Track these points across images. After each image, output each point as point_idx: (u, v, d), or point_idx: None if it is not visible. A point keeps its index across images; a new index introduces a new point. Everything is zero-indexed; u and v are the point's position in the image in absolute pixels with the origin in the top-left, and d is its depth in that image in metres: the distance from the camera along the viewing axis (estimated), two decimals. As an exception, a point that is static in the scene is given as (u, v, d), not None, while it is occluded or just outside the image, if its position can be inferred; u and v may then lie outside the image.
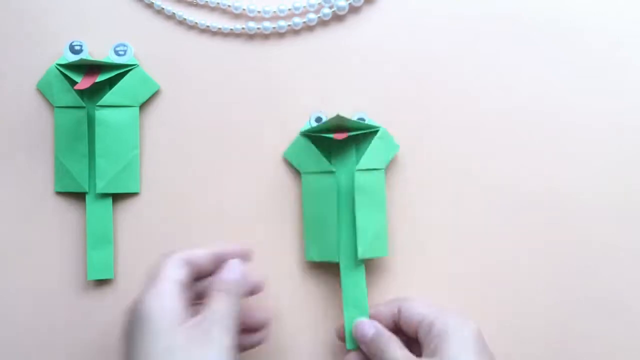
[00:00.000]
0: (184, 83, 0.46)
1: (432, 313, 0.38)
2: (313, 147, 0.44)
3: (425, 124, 0.45)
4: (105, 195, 0.45)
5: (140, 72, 0.46)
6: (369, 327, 0.40)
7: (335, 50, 0.46)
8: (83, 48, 0.46)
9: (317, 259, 0.44)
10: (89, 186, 0.45)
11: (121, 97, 0.45)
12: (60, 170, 0.45)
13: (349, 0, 0.45)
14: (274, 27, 0.46)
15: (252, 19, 0.47)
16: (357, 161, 0.43)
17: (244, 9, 0.47)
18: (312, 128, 0.44)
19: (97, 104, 0.44)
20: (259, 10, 0.46)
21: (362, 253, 0.42)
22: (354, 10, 0.46)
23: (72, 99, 0.45)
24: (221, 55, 0.47)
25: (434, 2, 0.46)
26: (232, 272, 0.38)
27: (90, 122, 0.45)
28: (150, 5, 0.47)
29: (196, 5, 0.47)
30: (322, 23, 0.46)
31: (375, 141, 0.43)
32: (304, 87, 0.46)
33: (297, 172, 0.45)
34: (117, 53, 0.46)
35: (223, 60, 0.46)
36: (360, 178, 0.42)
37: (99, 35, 0.46)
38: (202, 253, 0.38)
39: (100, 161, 0.44)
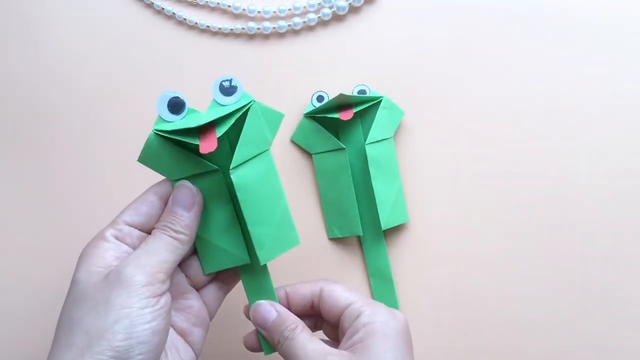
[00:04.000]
0: (185, 83, 0.47)
1: (360, 301, 0.35)
2: (320, 126, 0.44)
3: (425, 123, 0.46)
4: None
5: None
6: (269, 311, 0.36)
7: (335, 50, 0.46)
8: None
9: (340, 235, 0.45)
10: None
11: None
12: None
13: (349, 0, 0.46)
14: (274, 27, 0.46)
15: (252, 19, 0.47)
16: (365, 134, 0.44)
17: (244, 9, 0.47)
18: (316, 109, 0.44)
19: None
20: (259, 10, 0.47)
21: (385, 224, 0.44)
22: (354, 10, 0.46)
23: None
24: (221, 55, 0.47)
25: (433, 2, 0.46)
26: (176, 200, 0.34)
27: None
28: (150, 5, 0.47)
29: (196, 5, 0.47)
30: (322, 23, 0.47)
31: (380, 111, 0.44)
32: (304, 86, 0.46)
33: (307, 154, 0.46)
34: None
35: (223, 60, 0.47)
36: (371, 151, 0.43)
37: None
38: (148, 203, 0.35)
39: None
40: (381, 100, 0.44)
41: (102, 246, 0.32)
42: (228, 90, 0.34)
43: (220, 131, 0.32)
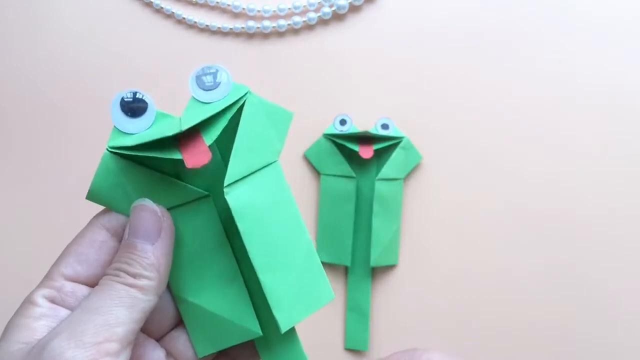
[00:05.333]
0: (184, 83, 0.46)
1: None
2: (336, 149, 0.44)
3: (424, 124, 0.45)
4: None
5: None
6: None
7: (335, 49, 0.46)
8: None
9: (327, 260, 0.44)
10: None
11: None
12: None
13: (349, -1, 0.45)
14: (273, 26, 0.46)
15: (252, 17, 0.46)
16: (378, 169, 0.43)
17: (243, 8, 0.46)
18: (338, 134, 0.43)
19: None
20: (258, 9, 0.46)
21: (374, 261, 0.43)
22: (354, 9, 0.46)
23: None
24: (221, 55, 0.46)
25: (434, 0, 0.45)
26: (135, 229, 0.23)
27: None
28: (149, 4, 0.47)
29: (195, 4, 0.47)
30: (322, 22, 0.46)
31: (398, 150, 0.43)
32: (304, 86, 0.46)
33: (315, 172, 0.45)
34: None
35: (223, 60, 0.46)
36: (380, 187, 0.43)
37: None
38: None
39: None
40: (401, 140, 0.43)
41: (30, 314, 0.22)
42: (210, 79, 0.24)
43: (210, 138, 0.22)
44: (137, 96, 0.23)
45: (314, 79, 0.45)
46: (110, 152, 0.23)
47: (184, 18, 0.46)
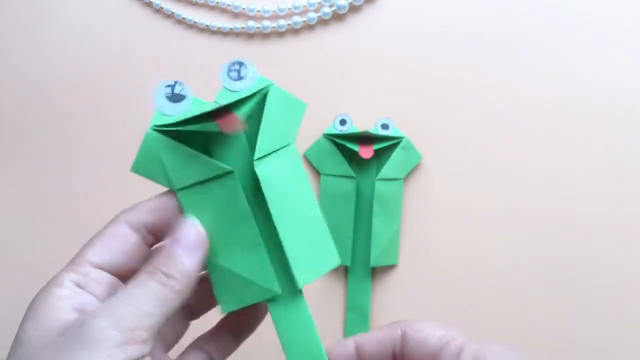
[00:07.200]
0: (185, 82, 0.46)
1: (459, 337, 0.26)
2: (336, 149, 0.44)
3: (424, 124, 0.45)
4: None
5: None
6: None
7: (335, 49, 0.46)
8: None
9: None
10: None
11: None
12: None
13: (349, -1, 0.45)
14: (273, 26, 0.46)
15: (252, 17, 0.46)
16: (378, 169, 0.43)
17: (243, 8, 0.46)
18: (338, 134, 0.43)
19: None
20: (258, 9, 0.46)
21: (374, 261, 0.43)
22: (354, 9, 0.46)
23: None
24: (220, 55, 0.46)
25: (434, 0, 0.45)
26: (179, 241, 0.26)
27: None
28: (149, 4, 0.47)
29: (195, 4, 0.47)
30: (322, 22, 0.46)
31: (398, 151, 0.43)
32: (304, 86, 0.46)
33: (315, 172, 0.45)
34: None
35: (222, 60, 0.46)
36: (380, 187, 0.43)
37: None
38: (157, 203, 0.27)
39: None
40: (401, 140, 0.43)
41: (55, 295, 0.24)
42: (239, 75, 0.29)
43: (241, 114, 0.27)
44: (178, 85, 0.28)
45: (314, 79, 0.45)
46: (155, 130, 0.27)
47: (184, 18, 0.46)
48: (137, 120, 0.46)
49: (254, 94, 0.28)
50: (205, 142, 0.28)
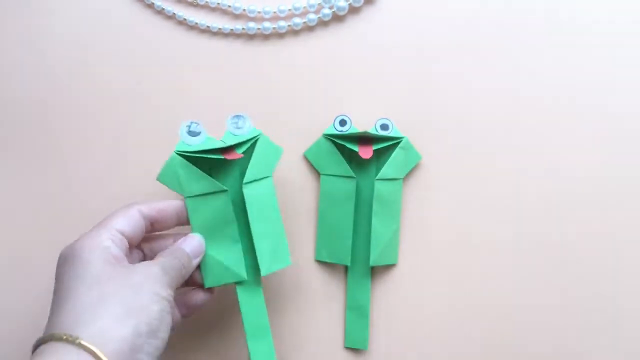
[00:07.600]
0: (185, 83, 0.47)
1: None
2: (335, 150, 0.44)
3: (424, 124, 0.46)
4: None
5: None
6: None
7: (335, 50, 0.46)
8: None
9: (327, 259, 0.44)
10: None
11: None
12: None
13: (349, 1, 0.45)
14: (274, 28, 0.46)
15: (253, 19, 0.47)
16: (378, 169, 0.43)
17: (244, 10, 0.46)
18: (338, 134, 0.44)
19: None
20: (259, 10, 0.46)
21: (373, 261, 0.43)
22: (353, 10, 0.46)
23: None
24: (221, 56, 0.46)
25: (433, 1, 0.46)
26: (189, 244, 0.38)
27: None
28: (150, 6, 0.47)
29: (196, 5, 0.47)
30: (322, 23, 0.46)
31: (398, 151, 0.43)
32: (304, 87, 0.46)
33: (315, 172, 0.45)
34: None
35: (223, 61, 0.46)
36: (380, 187, 0.43)
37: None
38: (163, 205, 0.38)
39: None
40: (401, 140, 0.44)
41: (104, 238, 0.34)
42: (240, 124, 0.40)
43: (241, 150, 0.40)
44: (194, 124, 0.39)
45: (314, 80, 0.46)
46: (178, 153, 0.38)
47: (185, 19, 0.46)
48: (137, 120, 0.46)
49: (248, 140, 0.40)
50: (210, 167, 0.40)
